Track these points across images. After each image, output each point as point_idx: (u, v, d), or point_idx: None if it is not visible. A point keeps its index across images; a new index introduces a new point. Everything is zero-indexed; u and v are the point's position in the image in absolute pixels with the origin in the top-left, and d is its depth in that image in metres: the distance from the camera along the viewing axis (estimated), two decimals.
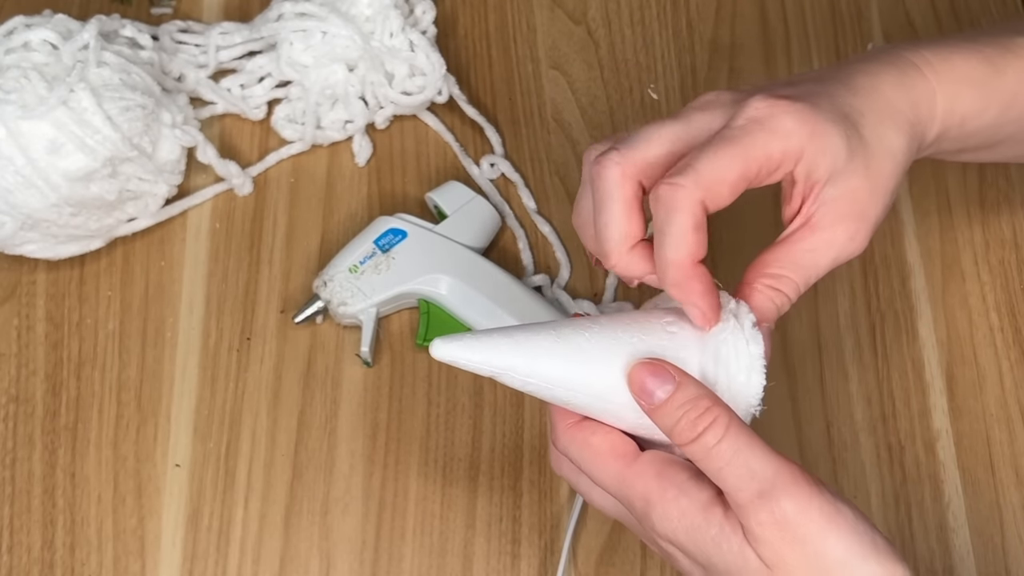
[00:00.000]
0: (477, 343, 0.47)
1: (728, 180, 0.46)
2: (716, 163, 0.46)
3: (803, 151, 0.48)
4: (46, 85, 0.63)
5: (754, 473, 0.44)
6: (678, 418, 0.45)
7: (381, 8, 0.71)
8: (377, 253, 0.67)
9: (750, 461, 0.45)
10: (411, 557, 0.64)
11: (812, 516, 0.44)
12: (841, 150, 0.48)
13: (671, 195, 0.46)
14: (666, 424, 0.46)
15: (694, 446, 0.45)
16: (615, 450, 0.48)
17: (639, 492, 0.47)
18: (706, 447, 0.45)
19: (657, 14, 0.78)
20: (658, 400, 0.46)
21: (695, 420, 0.45)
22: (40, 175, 0.63)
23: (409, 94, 0.72)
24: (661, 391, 0.46)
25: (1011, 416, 0.66)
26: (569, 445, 0.49)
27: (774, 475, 0.44)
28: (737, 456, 0.45)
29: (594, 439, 0.48)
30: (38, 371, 0.67)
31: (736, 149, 0.47)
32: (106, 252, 0.70)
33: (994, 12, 0.78)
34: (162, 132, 0.68)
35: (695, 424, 0.45)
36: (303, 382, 0.67)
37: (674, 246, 0.46)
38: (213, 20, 0.76)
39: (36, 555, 0.63)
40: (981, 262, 0.70)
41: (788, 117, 0.47)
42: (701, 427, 0.45)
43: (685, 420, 0.45)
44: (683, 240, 0.46)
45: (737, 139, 0.47)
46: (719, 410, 0.45)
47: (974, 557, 0.63)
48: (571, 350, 0.47)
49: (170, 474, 0.65)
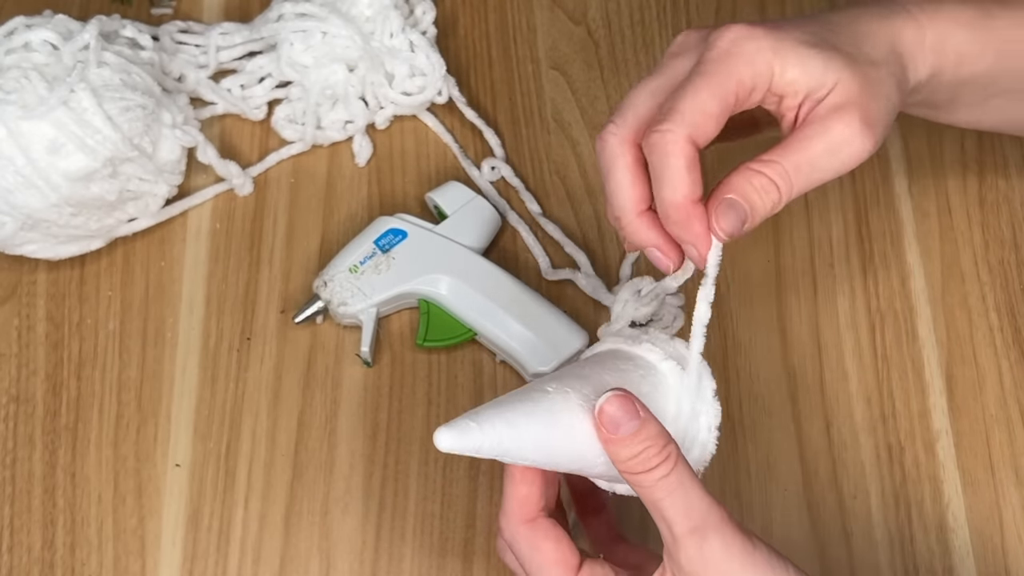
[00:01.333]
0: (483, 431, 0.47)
1: (710, 113, 0.49)
2: (695, 100, 0.49)
3: (771, 68, 0.50)
4: (46, 85, 0.63)
5: (691, 509, 0.48)
6: (637, 452, 0.48)
7: (381, 8, 0.71)
8: (377, 253, 0.67)
9: (690, 497, 0.48)
10: (411, 557, 0.64)
11: (734, 553, 0.48)
12: (813, 59, 0.50)
13: (660, 140, 0.48)
14: (623, 455, 0.48)
15: (644, 476, 0.48)
16: (563, 561, 0.51)
17: None
18: (654, 478, 0.48)
19: (657, 14, 0.78)
20: (624, 432, 0.48)
21: (652, 455, 0.48)
22: (40, 175, 0.63)
23: (409, 94, 0.72)
24: (627, 426, 0.48)
25: (1011, 416, 0.66)
26: (519, 542, 0.51)
27: (706, 513, 0.48)
28: (679, 490, 0.48)
29: (545, 544, 0.51)
30: (38, 371, 0.67)
31: (710, 82, 0.49)
32: (106, 252, 0.70)
33: None
34: (162, 132, 0.68)
35: (651, 458, 0.48)
36: (303, 382, 0.67)
37: (671, 187, 0.49)
38: (213, 20, 0.77)
39: (36, 555, 0.63)
40: (981, 262, 0.70)
41: (750, 41, 0.50)
42: (656, 462, 0.48)
43: (646, 453, 0.48)
44: (679, 181, 0.49)
45: (710, 73, 0.49)
46: (672, 448, 0.48)
47: (974, 557, 0.63)
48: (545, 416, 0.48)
49: (170, 474, 0.65)
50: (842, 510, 0.64)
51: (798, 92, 0.50)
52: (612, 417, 0.48)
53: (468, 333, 0.67)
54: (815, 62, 0.50)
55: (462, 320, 0.67)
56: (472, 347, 0.68)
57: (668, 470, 0.48)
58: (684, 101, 0.49)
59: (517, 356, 0.66)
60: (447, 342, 0.67)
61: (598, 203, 0.72)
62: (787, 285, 0.70)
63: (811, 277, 0.70)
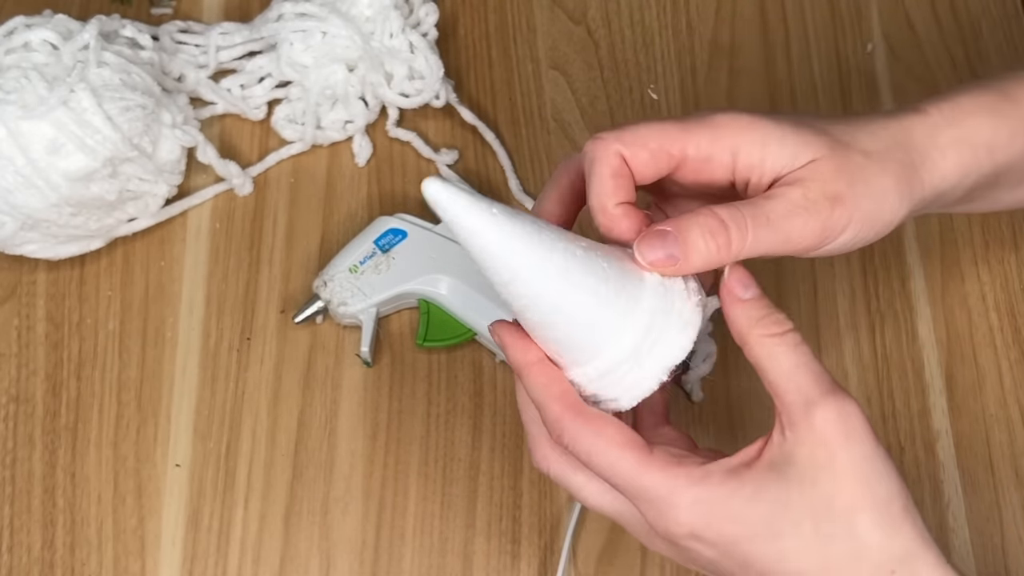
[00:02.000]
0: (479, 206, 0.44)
1: (647, 145, 0.49)
2: (643, 129, 0.49)
3: (737, 147, 0.49)
4: (46, 85, 0.63)
5: (824, 375, 0.46)
6: (765, 314, 0.47)
7: (381, 8, 0.71)
8: (377, 253, 0.67)
9: (821, 365, 0.47)
10: (411, 557, 0.64)
11: (864, 419, 0.46)
12: (785, 142, 0.49)
13: (592, 146, 0.49)
14: (756, 313, 0.47)
15: (781, 339, 0.47)
16: (633, 441, 0.47)
17: (659, 483, 0.46)
18: (793, 342, 0.47)
19: (657, 14, 0.78)
20: (751, 294, 0.48)
21: (783, 319, 0.47)
22: (40, 175, 0.63)
23: (407, 96, 0.72)
24: (753, 290, 0.48)
25: (1011, 416, 0.66)
26: (578, 436, 0.47)
27: (834, 382, 0.46)
28: (812, 357, 0.47)
29: (608, 430, 0.47)
30: (38, 371, 0.67)
31: (662, 124, 0.49)
32: (106, 252, 0.70)
33: (994, 13, 0.78)
34: (162, 132, 0.68)
35: (785, 321, 0.47)
36: (303, 382, 0.67)
37: (595, 191, 0.49)
38: (213, 20, 0.76)
39: (36, 555, 0.63)
40: (981, 262, 0.70)
41: (726, 117, 0.49)
42: (790, 325, 0.47)
43: (772, 317, 0.47)
44: (602, 184, 0.48)
45: (676, 120, 0.50)
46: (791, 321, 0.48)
47: (974, 557, 0.63)
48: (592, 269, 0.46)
49: (170, 474, 0.65)
50: None
51: (765, 172, 0.49)
52: (741, 278, 0.47)
53: (468, 333, 0.67)
54: (789, 142, 0.49)
55: (462, 320, 0.67)
56: (472, 347, 0.68)
57: (801, 336, 0.47)
58: (634, 125, 0.49)
59: None
60: (447, 342, 0.67)
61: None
62: (787, 285, 0.70)
63: (811, 277, 0.70)
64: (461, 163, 0.73)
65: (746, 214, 0.48)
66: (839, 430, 0.45)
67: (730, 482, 0.46)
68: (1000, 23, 0.78)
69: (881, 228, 0.51)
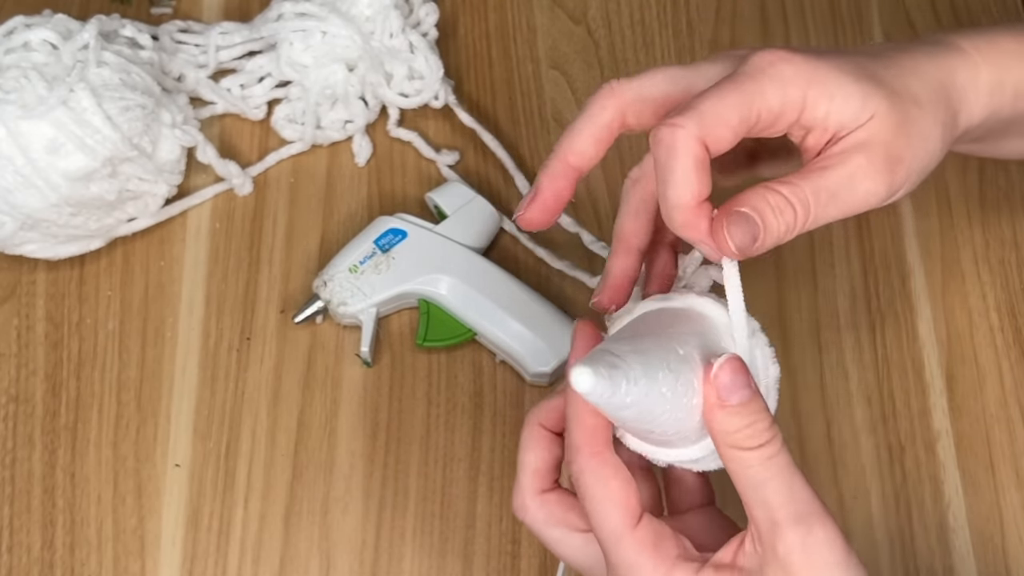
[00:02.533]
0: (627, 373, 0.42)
1: (729, 122, 0.45)
2: (718, 105, 0.45)
3: (804, 98, 0.47)
4: (46, 85, 0.63)
5: (795, 494, 0.44)
6: (747, 424, 0.44)
7: (381, 8, 0.71)
8: (377, 253, 0.67)
9: (794, 481, 0.44)
10: (411, 557, 0.64)
11: (837, 549, 0.44)
12: (850, 95, 0.47)
13: (671, 135, 0.45)
14: (732, 426, 0.45)
15: (751, 453, 0.44)
16: (627, 503, 0.46)
17: (630, 558, 0.46)
18: (761, 456, 0.44)
19: (657, 14, 0.78)
20: (735, 401, 0.45)
21: (762, 430, 0.44)
22: (40, 175, 0.63)
23: (406, 96, 0.72)
24: (741, 394, 0.45)
25: (1011, 416, 0.66)
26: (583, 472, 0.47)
27: (811, 502, 0.44)
28: (785, 472, 0.44)
29: (613, 483, 0.46)
30: (38, 371, 0.67)
31: (737, 92, 0.46)
32: (106, 252, 0.70)
33: (994, 12, 0.78)
34: (162, 132, 0.68)
35: (761, 434, 0.44)
36: (303, 382, 0.67)
37: (679, 187, 0.45)
38: (213, 20, 0.76)
39: (36, 555, 0.63)
40: (981, 262, 0.70)
41: (788, 65, 0.47)
42: (765, 438, 0.44)
43: (753, 428, 0.44)
44: (687, 181, 0.45)
45: (739, 84, 0.46)
46: (777, 428, 0.45)
47: (974, 557, 0.63)
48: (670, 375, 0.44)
49: (170, 474, 0.65)
50: (842, 510, 0.64)
51: (828, 128, 0.47)
52: (726, 383, 0.44)
53: (468, 333, 0.67)
54: (853, 96, 0.47)
55: (462, 320, 0.67)
56: (472, 347, 0.68)
57: (776, 449, 0.44)
58: (705, 103, 0.45)
59: (517, 356, 0.66)
60: (447, 342, 0.67)
61: (598, 203, 0.72)
62: (787, 285, 0.70)
63: (811, 277, 0.70)
64: (461, 163, 0.73)
65: (808, 192, 0.46)
66: (803, 561, 0.44)
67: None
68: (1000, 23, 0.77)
69: (927, 174, 0.50)
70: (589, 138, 0.49)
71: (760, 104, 0.46)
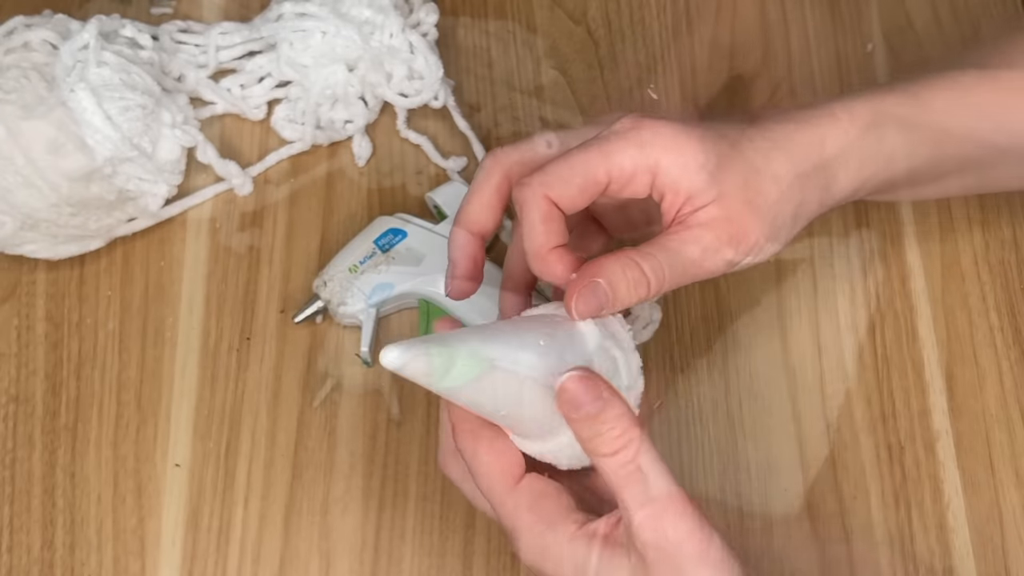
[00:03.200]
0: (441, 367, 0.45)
1: (572, 181, 0.50)
2: (561, 167, 0.50)
3: (658, 163, 0.50)
4: (46, 85, 0.63)
5: (648, 496, 0.47)
6: (597, 434, 0.47)
7: (381, 8, 0.71)
8: (377, 253, 0.67)
9: (648, 483, 0.47)
10: (411, 557, 0.64)
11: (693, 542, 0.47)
12: (700, 169, 0.51)
13: (520, 193, 0.51)
14: (584, 435, 0.48)
15: (610, 459, 0.47)
16: (502, 470, 0.50)
17: (508, 519, 0.50)
18: (618, 464, 0.47)
19: (657, 14, 0.78)
20: (586, 414, 0.47)
21: (614, 438, 0.47)
22: (40, 175, 0.63)
23: (406, 96, 0.72)
24: (590, 407, 0.47)
25: (1011, 416, 0.66)
26: (464, 450, 0.51)
27: (666, 502, 0.47)
28: (636, 475, 0.47)
29: (484, 456, 0.50)
30: (38, 371, 0.67)
31: (583, 155, 0.51)
32: (106, 252, 0.70)
33: (994, 12, 0.78)
34: (162, 132, 0.68)
35: (614, 441, 0.47)
36: (303, 382, 0.67)
37: (529, 237, 0.51)
38: (213, 20, 0.76)
39: (36, 555, 0.63)
40: (981, 262, 0.70)
41: (647, 131, 0.51)
42: (618, 445, 0.47)
43: (604, 437, 0.47)
44: (534, 232, 0.50)
45: (588, 147, 0.51)
46: (635, 432, 0.48)
47: (974, 557, 0.63)
48: None
49: (170, 474, 0.65)
50: (842, 510, 0.64)
51: (679, 193, 0.51)
52: (573, 396, 0.47)
53: None
54: (703, 170, 0.51)
55: (462, 320, 0.67)
56: None
57: (631, 456, 0.47)
58: (552, 164, 0.51)
59: None
60: None
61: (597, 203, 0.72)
62: (787, 285, 0.70)
63: (811, 277, 0.70)
64: None
65: (664, 266, 0.50)
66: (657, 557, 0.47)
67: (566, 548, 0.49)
68: (1000, 23, 0.77)
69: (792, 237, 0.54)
70: (480, 206, 0.54)
71: (608, 165, 0.50)
